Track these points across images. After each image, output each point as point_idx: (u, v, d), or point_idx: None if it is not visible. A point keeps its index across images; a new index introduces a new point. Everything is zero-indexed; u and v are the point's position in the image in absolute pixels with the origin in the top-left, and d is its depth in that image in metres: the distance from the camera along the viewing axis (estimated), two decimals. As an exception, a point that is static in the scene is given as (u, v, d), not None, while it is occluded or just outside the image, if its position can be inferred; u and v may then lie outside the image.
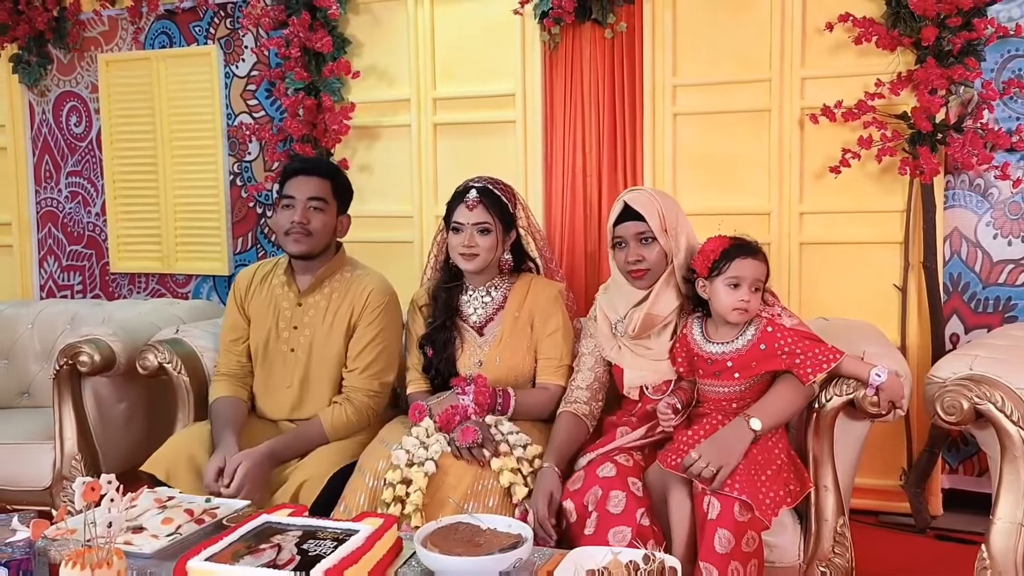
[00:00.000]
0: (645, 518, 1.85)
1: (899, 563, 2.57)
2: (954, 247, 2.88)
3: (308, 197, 2.29)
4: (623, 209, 2.09)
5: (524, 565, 1.52)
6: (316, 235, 2.30)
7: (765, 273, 1.95)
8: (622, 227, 2.09)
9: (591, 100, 3.09)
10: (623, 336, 2.11)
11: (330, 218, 2.34)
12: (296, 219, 2.27)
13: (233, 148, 3.64)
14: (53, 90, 3.88)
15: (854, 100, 2.77)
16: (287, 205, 2.30)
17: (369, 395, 2.30)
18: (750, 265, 1.93)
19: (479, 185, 2.27)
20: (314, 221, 2.29)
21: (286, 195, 2.31)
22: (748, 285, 1.92)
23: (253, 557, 1.41)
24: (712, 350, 1.97)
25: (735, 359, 1.93)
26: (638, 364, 2.08)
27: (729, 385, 1.95)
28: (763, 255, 1.97)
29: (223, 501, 1.85)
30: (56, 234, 3.96)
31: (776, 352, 1.91)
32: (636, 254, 2.07)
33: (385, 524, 1.58)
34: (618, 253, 2.12)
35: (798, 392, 1.91)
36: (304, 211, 2.28)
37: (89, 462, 2.59)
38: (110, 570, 1.32)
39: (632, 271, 2.08)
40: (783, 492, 1.83)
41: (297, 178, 2.32)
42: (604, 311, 2.19)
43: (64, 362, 2.55)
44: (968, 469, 2.95)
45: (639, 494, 1.89)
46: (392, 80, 3.36)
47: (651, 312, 2.05)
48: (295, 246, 2.30)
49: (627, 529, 1.81)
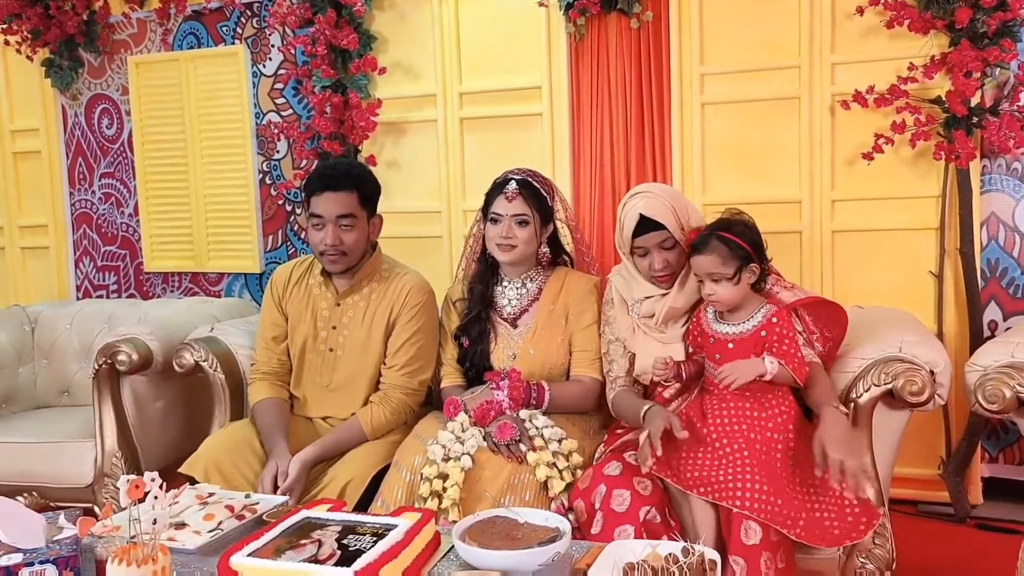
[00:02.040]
0: (653, 515, 1.83)
1: (939, 553, 2.54)
2: (991, 232, 2.84)
3: (337, 216, 2.25)
4: (640, 219, 2.05)
5: (562, 559, 1.53)
6: (351, 253, 2.29)
7: (719, 261, 1.90)
8: (643, 239, 2.06)
9: (618, 91, 3.08)
10: (639, 318, 2.11)
11: (361, 231, 2.30)
12: (329, 241, 2.25)
13: (262, 147, 3.67)
14: (85, 93, 3.93)
15: (886, 85, 2.73)
16: (316, 225, 2.27)
17: (407, 392, 2.31)
18: (698, 262, 1.95)
19: (519, 177, 2.27)
20: (347, 239, 2.27)
21: (314, 214, 2.27)
22: (706, 279, 1.94)
23: (295, 552, 1.42)
24: (718, 329, 1.98)
25: (736, 341, 1.93)
26: (650, 349, 2.08)
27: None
28: (716, 243, 1.91)
29: (262, 497, 1.87)
30: (91, 235, 4.02)
31: (773, 343, 1.91)
32: (662, 261, 2.06)
33: (423, 519, 1.59)
34: (640, 260, 2.10)
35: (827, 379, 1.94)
36: (335, 232, 2.25)
37: (129, 459, 2.63)
38: (155, 566, 1.34)
39: (659, 276, 2.08)
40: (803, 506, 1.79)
41: (323, 196, 2.26)
42: (620, 293, 2.18)
43: (103, 361, 2.59)
44: (1008, 457, 2.91)
45: (645, 493, 1.86)
46: (418, 75, 3.37)
47: (674, 306, 2.06)
48: (332, 267, 2.31)
49: (630, 528, 1.80)
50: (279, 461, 2.10)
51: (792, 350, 1.88)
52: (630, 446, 2.04)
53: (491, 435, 2.01)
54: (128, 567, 1.32)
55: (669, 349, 2.06)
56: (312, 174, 2.35)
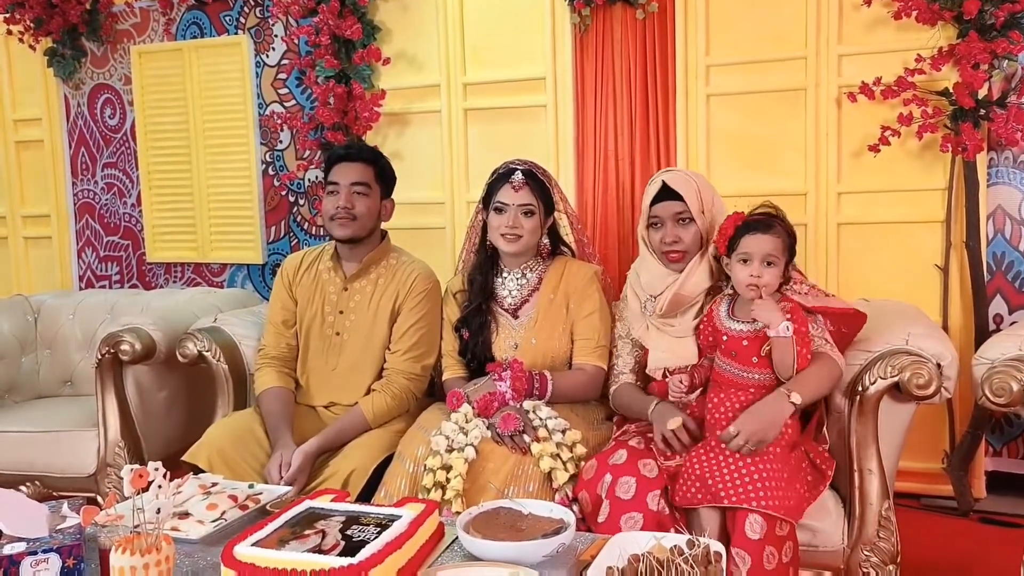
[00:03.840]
0: (661, 503, 1.82)
1: (943, 547, 2.54)
2: (997, 226, 2.82)
3: (352, 182, 2.34)
4: (660, 188, 2.07)
5: (567, 550, 1.52)
6: (361, 219, 2.34)
7: (780, 247, 1.89)
8: (660, 207, 2.06)
9: (623, 83, 3.06)
10: (651, 315, 2.10)
11: (374, 202, 2.38)
12: (341, 204, 2.32)
13: (265, 137, 3.66)
14: (87, 83, 3.92)
15: (893, 77, 2.72)
16: (332, 191, 2.36)
17: (409, 378, 2.32)
18: (759, 240, 1.89)
19: (524, 168, 2.27)
20: (358, 205, 2.33)
21: (331, 182, 2.37)
22: (759, 260, 1.88)
23: (299, 543, 1.42)
24: (731, 327, 1.94)
25: (751, 338, 1.90)
26: (661, 344, 2.07)
27: (745, 370, 1.91)
28: (780, 228, 1.90)
29: (266, 487, 1.87)
30: (93, 225, 4.01)
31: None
32: (673, 235, 2.05)
33: (427, 510, 1.58)
34: (653, 233, 2.10)
35: (831, 373, 1.89)
36: (348, 196, 2.33)
37: (132, 449, 2.63)
38: (159, 555, 1.34)
39: (668, 251, 2.06)
40: (804, 492, 1.82)
41: (340, 164, 2.37)
42: (634, 290, 2.17)
43: (106, 351, 2.59)
44: (1012, 451, 2.90)
45: (651, 476, 1.85)
46: (422, 66, 3.35)
47: (680, 292, 2.04)
48: (341, 230, 2.34)
49: (638, 515, 1.79)
50: (283, 452, 2.11)
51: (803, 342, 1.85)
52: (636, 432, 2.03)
53: (495, 426, 2.01)
54: (131, 556, 1.32)
55: (681, 344, 2.05)
56: (333, 150, 2.46)
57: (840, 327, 1.98)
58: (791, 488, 1.77)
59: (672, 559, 1.33)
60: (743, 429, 1.78)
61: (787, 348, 1.84)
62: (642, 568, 1.32)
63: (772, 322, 1.83)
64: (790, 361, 1.85)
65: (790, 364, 1.84)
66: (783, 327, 1.82)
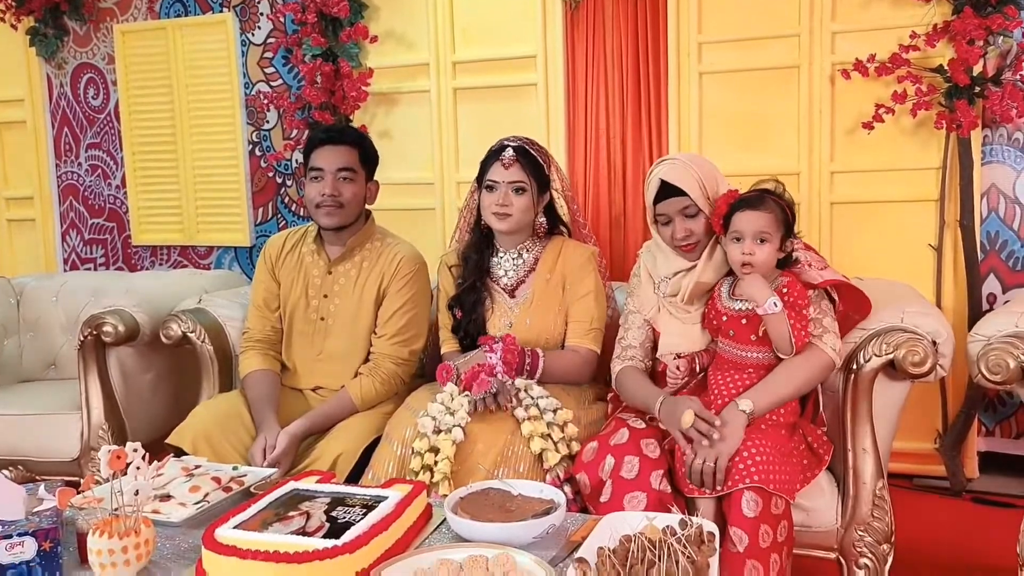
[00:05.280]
0: (664, 482, 1.79)
1: (936, 527, 2.53)
2: (991, 204, 2.80)
3: (337, 168, 2.26)
4: (660, 185, 1.99)
5: (557, 531, 1.49)
6: (348, 206, 2.28)
7: (773, 223, 1.84)
8: (664, 204, 1.99)
9: (614, 61, 3.02)
10: (665, 297, 2.06)
11: (360, 187, 2.31)
12: (327, 191, 2.25)
13: (251, 117, 3.60)
14: (70, 62, 3.85)
15: (887, 54, 2.69)
16: (315, 177, 2.28)
17: (397, 363, 2.27)
18: (750, 217, 1.84)
19: (515, 144, 2.21)
20: (345, 192, 2.27)
21: (314, 167, 2.28)
22: (750, 237, 1.84)
23: (282, 525, 1.38)
24: (730, 306, 1.91)
25: (750, 317, 1.86)
26: (674, 328, 2.02)
27: (744, 349, 1.88)
28: (772, 203, 1.86)
29: (250, 469, 1.83)
30: (77, 207, 3.95)
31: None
32: (684, 230, 1.98)
33: (414, 490, 1.55)
34: (663, 229, 2.03)
35: (799, 368, 1.84)
36: (334, 183, 2.25)
37: (116, 432, 2.59)
38: (138, 538, 1.31)
39: (682, 246, 2.01)
40: (799, 475, 1.79)
41: (323, 148, 2.29)
42: (648, 270, 2.12)
43: (88, 333, 2.55)
44: (1005, 431, 2.89)
45: (654, 456, 1.83)
46: (411, 44, 3.30)
47: (700, 280, 1.97)
48: (328, 219, 2.28)
49: (642, 495, 1.76)
50: (268, 434, 2.07)
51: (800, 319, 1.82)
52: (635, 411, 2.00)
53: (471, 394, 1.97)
54: (109, 539, 1.29)
55: (691, 331, 2.00)
56: (313, 133, 2.35)
57: (849, 310, 1.94)
58: (786, 465, 1.74)
59: (665, 539, 1.30)
60: (699, 452, 1.75)
61: (780, 325, 1.80)
62: (634, 548, 1.29)
63: (758, 299, 1.80)
64: (787, 338, 1.81)
65: (788, 341, 1.81)
66: (769, 304, 1.78)
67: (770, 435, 1.78)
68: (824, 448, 1.90)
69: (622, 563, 1.28)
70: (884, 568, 1.84)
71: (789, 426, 1.88)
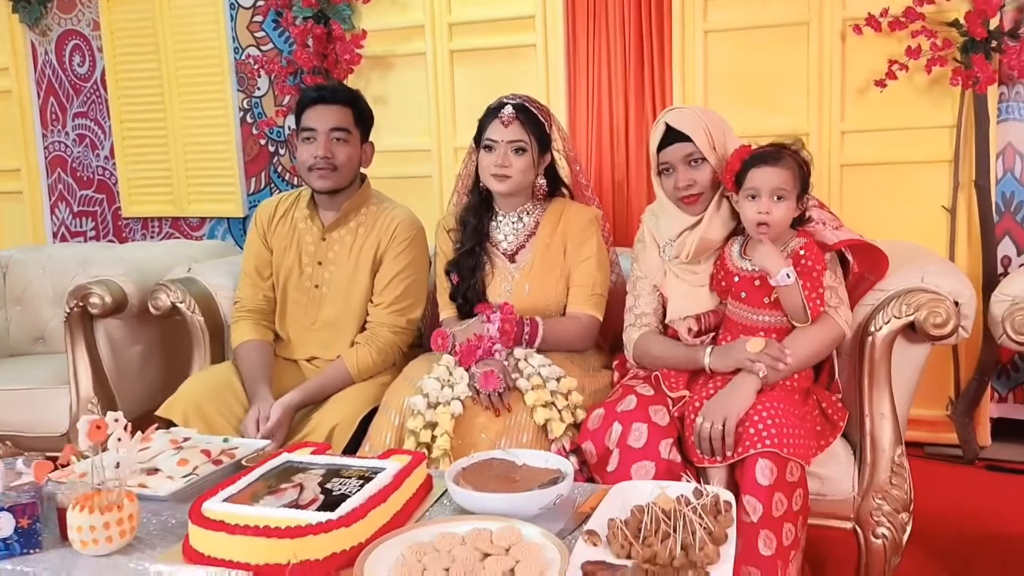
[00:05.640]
0: (673, 451, 1.72)
1: (950, 495, 2.47)
2: (1007, 164, 2.72)
3: (330, 128, 2.16)
4: (665, 131, 1.91)
5: (564, 502, 1.42)
6: (342, 168, 2.18)
7: (790, 179, 1.75)
8: (667, 151, 1.90)
9: (616, 19, 2.91)
10: (671, 260, 1.97)
11: (355, 149, 2.21)
12: (320, 153, 2.14)
13: (242, 83, 3.50)
14: (55, 29, 3.73)
15: (901, 8, 2.59)
16: (308, 139, 2.17)
17: (395, 331, 2.19)
18: (766, 173, 1.74)
19: (515, 102, 2.11)
20: (339, 154, 2.17)
21: (306, 127, 2.18)
22: (767, 195, 1.74)
23: (274, 497, 1.31)
24: (743, 266, 1.82)
25: (763, 278, 1.77)
26: (681, 291, 1.93)
27: (755, 312, 1.80)
28: (790, 159, 1.77)
29: (242, 441, 1.75)
30: (66, 179, 3.85)
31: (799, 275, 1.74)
32: (687, 178, 1.89)
33: (413, 461, 1.47)
34: (665, 179, 1.94)
35: (814, 337, 1.76)
36: (327, 144, 2.15)
37: (106, 405, 2.51)
38: (120, 513, 1.23)
39: (684, 197, 1.91)
40: (812, 440, 1.71)
41: (316, 108, 2.18)
42: (652, 234, 2.03)
43: (75, 304, 2.46)
44: (1018, 397, 2.83)
45: (663, 423, 1.74)
46: (405, 5, 3.18)
47: (706, 237, 1.87)
48: (321, 182, 2.18)
49: (650, 464, 1.69)
50: (261, 406, 1.99)
51: (815, 285, 1.74)
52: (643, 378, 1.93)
53: (475, 379, 1.88)
54: (90, 515, 1.22)
55: (699, 293, 1.91)
56: (304, 91, 2.25)
57: (865, 271, 1.85)
58: (801, 430, 1.66)
59: (679, 509, 1.23)
60: (706, 415, 1.68)
61: (794, 296, 1.72)
62: (646, 520, 1.22)
63: (771, 269, 1.71)
64: (800, 307, 1.73)
65: (803, 311, 1.73)
66: (782, 275, 1.70)
67: (783, 399, 1.71)
68: (839, 415, 1.83)
69: (635, 535, 1.21)
70: (902, 538, 1.77)
71: (803, 391, 1.80)
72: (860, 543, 1.81)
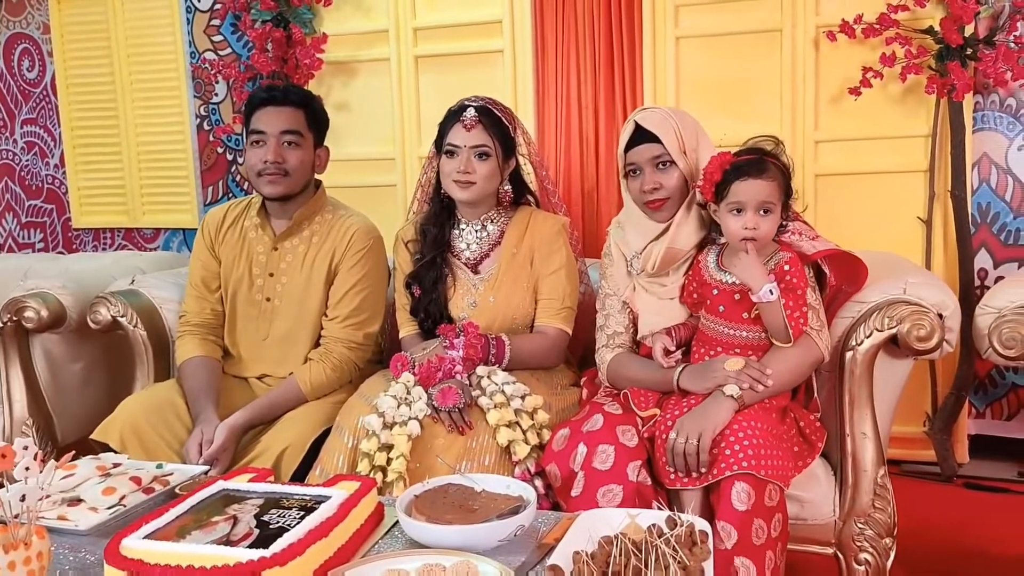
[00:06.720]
0: (642, 474, 1.61)
1: (928, 513, 2.39)
2: (983, 174, 2.67)
3: (281, 131, 2.03)
4: (634, 131, 1.82)
5: (526, 533, 1.30)
6: (294, 174, 2.05)
7: (776, 191, 1.65)
8: (635, 151, 1.81)
9: (585, 24, 2.84)
10: (639, 274, 1.86)
11: (307, 153, 2.09)
12: (269, 158, 2.02)
13: (199, 89, 3.37)
14: (2, 32, 3.61)
15: (875, 15, 2.53)
16: (257, 142, 2.05)
17: (350, 347, 2.07)
18: (752, 187, 1.63)
19: (478, 104, 2.00)
20: (290, 158, 2.04)
21: (255, 130, 2.05)
22: (752, 209, 1.63)
23: (203, 533, 1.17)
24: (722, 279, 1.72)
25: (744, 291, 1.67)
26: (651, 306, 1.83)
27: (734, 327, 1.70)
28: (774, 170, 1.66)
29: (178, 467, 1.61)
30: (13, 188, 3.69)
31: (781, 292, 1.64)
32: (653, 181, 1.79)
33: (363, 488, 1.35)
34: (632, 182, 1.84)
35: (793, 360, 1.67)
36: (277, 148, 2.03)
37: (43, 427, 2.36)
38: (27, 552, 1.10)
39: (649, 201, 1.81)
40: (790, 461, 1.62)
41: (266, 109, 2.06)
42: (619, 247, 1.93)
43: (8, 318, 2.30)
44: (996, 413, 2.76)
45: (631, 444, 1.63)
46: (368, 9, 3.08)
47: (672, 246, 1.78)
48: (271, 188, 2.05)
49: (617, 488, 1.58)
50: (204, 428, 1.85)
51: (799, 303, 1.64)
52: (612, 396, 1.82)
53: (433, 397, 1.77)
54: (-7, 553, 1.08)
55: (670, 306, 1.82)
56: (253, 92, 2.13)
57: (843, 283, 1.76)
58: (779, 450, 1.56)
59: (651, 540, 1.12)
60: (680, 430, 1.58)
61: (775, 312, 1.62)
62: (615, 553, 1.11)
63: (753, 285, 1.61)
64: (782, 326, 1.63)
65: (784, 330, 1.63)
66: (765, 291, 1.59)
67: (761, 418, 1.61)
68: (817, 435, 1.73)
69: (602, 570, 1.10)
70: (886, 563, 1.68)
71: (780, 410, 1.70)
72: (842, 569, 1.71)
